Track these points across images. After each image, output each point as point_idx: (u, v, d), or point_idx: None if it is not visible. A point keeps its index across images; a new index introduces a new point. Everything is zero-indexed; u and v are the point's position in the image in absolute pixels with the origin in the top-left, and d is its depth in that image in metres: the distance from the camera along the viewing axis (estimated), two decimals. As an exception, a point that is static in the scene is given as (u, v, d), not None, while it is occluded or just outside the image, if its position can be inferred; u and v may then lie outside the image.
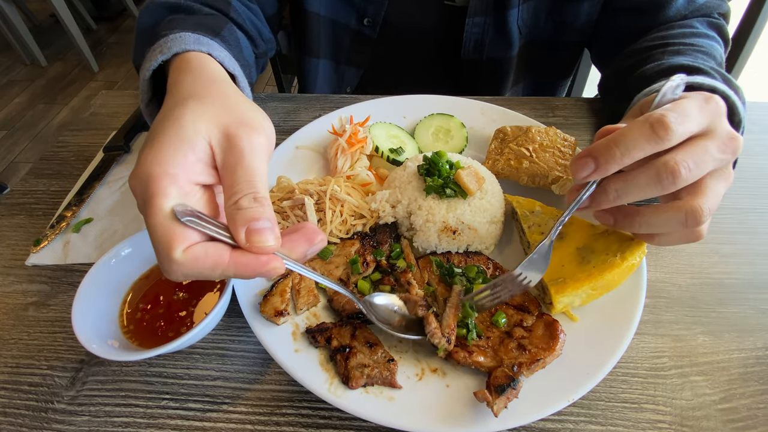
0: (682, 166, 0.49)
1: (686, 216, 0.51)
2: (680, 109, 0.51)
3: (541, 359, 0.58)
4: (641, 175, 0.51)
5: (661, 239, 0.57)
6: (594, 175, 0.52)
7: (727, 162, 0.53)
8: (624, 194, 0.53)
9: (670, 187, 0.50)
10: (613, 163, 0.50)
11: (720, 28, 0.93)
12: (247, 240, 0.43)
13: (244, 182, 0.44)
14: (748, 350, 0.69)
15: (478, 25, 1.07)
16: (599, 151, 0.51)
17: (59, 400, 0.66)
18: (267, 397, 0.65)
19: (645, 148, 0.50)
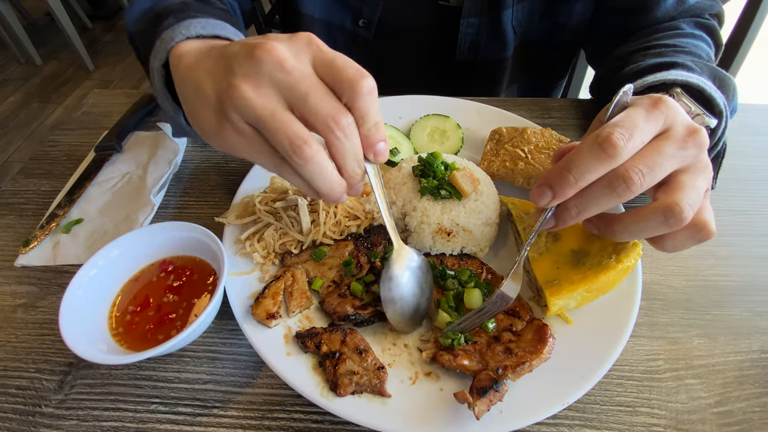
0: (632, 172, 0.50)
1: (664, 215, 0.51)
2: (627, 122, 0.51)
3: (527, 362, 0.58)
4: (596, 188, 0.52)
5: (665, 243, 0.56)
6: (553, 202, 0.54)
7: (694, 156, 0.53)
8: (584, 209, 0.54)
9: (626, 195, 0.51)
10: (568, 188, 0.52)
11: (710, 28, 0.93)
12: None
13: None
14: (743, 353, 0.69)
15: (473, 26, 1.07)
16: (554, 179, 0.52)
17: (47, 404, 0.64)
18: (258, 401, 0.64)
19: (597, 169, 0.51)
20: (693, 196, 0.51)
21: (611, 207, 0.53)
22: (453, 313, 0.65)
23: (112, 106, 1.15)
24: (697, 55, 0.82)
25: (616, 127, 0.50)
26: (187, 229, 0.71)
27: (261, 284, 0.71)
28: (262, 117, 0.46)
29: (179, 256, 0.72)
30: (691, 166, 0.53)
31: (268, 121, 0.46)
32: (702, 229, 0.53)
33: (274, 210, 0.77)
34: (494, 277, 0.71)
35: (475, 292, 0.66)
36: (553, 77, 1.31)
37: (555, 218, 0.57)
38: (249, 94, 0.46)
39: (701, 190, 0.53)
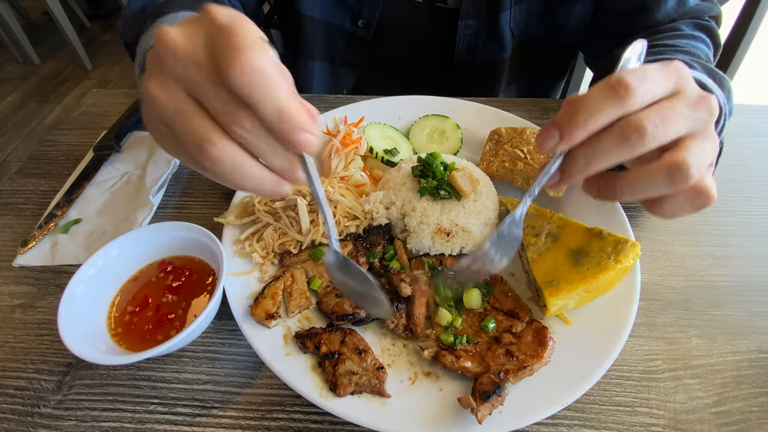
0: (647, 121, 0.46)
1: (669, 170, 0.47)
2: (641, 71, 0.48)
3: (528, 366, 0.58)
4: (607, 136, 0.48)
5: (663, 206, 0.51)
6: (561, 145, 0.49)
7: (705, 122, 0.50)
8: (593, 160, 0.49)
9: (639, 146, 0.47)
10: (576, 129, 0.47)
11: (709, 30, 0.94)
12: None
13: None
14: (741, 353, 0.69)
15: (471, 27, 1.07)
16: (562, 119, 0.48)
17: (45, 405, 0.64)
18: (257, 401, 0.64)
19: (607, 111, 0.47)
20: (700, 157, 0.48)
21: (621, 160, 0.49)
22: (453, 311, 0.65)
23: (110, 105, 1.14)
24: (696, 56, 0.83)
25: (629, 72, 0.47)
26: (186, 229, 0.70)
27: (260, 284, 0.71)
28: (167, 115, 0.41)
29: (178, 256, 0.72)
30: (700, 132, 0.50)
31: (172, 119, 0.41)
32: (702, 193, 0.49)
33: (273, 210, 0.77)
34: (493, 278, 0.71)
35: (474, 292, 0.66)
36: (552, 79, 1.31)
37: (560, 172, 0.52)
38: (155, 93, 0.41)
39: (707, 156, 0.50)
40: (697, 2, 0.95)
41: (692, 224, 0.87)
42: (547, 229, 0.71)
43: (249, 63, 0.37)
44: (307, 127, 0.40)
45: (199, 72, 0.40)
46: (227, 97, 0.39)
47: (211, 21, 0.40)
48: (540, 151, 0.52)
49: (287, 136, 0.40)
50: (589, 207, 0.80)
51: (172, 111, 0.41)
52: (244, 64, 0.37)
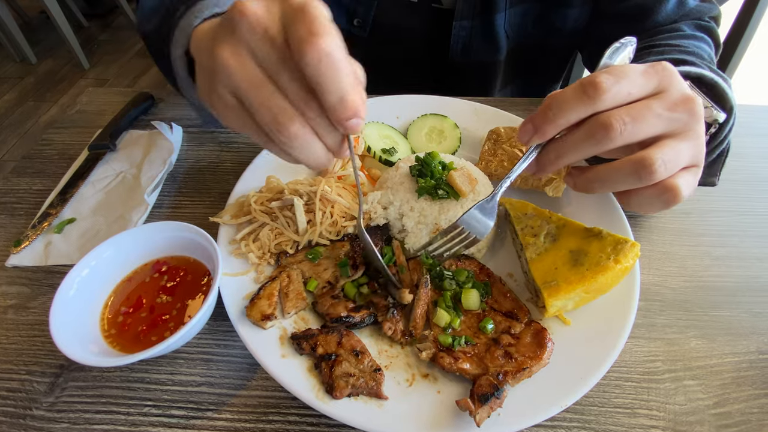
0: (614, 119, 0.48)
1: (635, 166, 0.49)
2: (617, 70, 0.50)
3: (527, 368, 0.57)
4: (576, 133, 0.51)
5: (630, 200, 0.55)
6: (534, 138, 0.53)
7: (684, 123, 0.51)
8: (563, 153, 0.53)
9: (605, 142, 0.49)
10: (547, 124, 0.51)
11: (710, 30, 0.93)
12: None
13: None
14: (741, 354, 0.69)
15: (465, 29, 1.07)
16: (537, 115, 0.52)
17: (37, 407, 0.63)
18: (253, 403, 0.63)
19: (576, 108, 0.49)
20: (670, 156, 0.50)
21: (588, 155, 0.52)
22: (451, 311, 0.65)
23: (106, 104, 1.13)
24: (700, 56, 0.82)
25: (604, 72, 0.50)
26: (181, 229, 0.70)
27: (256, 285, 0.70)
28: (244, 90, 0.43)
29: (173, 256, 0.71)
30: (680, 132, 0.51)
31: (251, 94, 0.43)
32: (669, 191, 0.51)
33: (269, 210, 0.76)
34: (492, 278, 0.70)
35: (473, 292, 0.66)
36: (548, 81, 1.31)
37: (536, 163, 0.57)
38: (229, 62, 0.43)
39: (682, 156, 0.51)
40: (696, 3, 0.94)
41: (691, 224, 0.87)
42: (546, 229, 0.71)
43: (324, 49, 0.40)
44: (360, 114, 0.44)
45: (274, 50, 0.42)
46: (300, 82, 0.43)
47: None
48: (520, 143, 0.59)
49: (344, 121, 0.44)
50: (588, 207, 0.79)
51: (249, 84, 0.43)
52: (320, 50, 0.40)
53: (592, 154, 0.52)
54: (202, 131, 1.05)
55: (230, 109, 0.46)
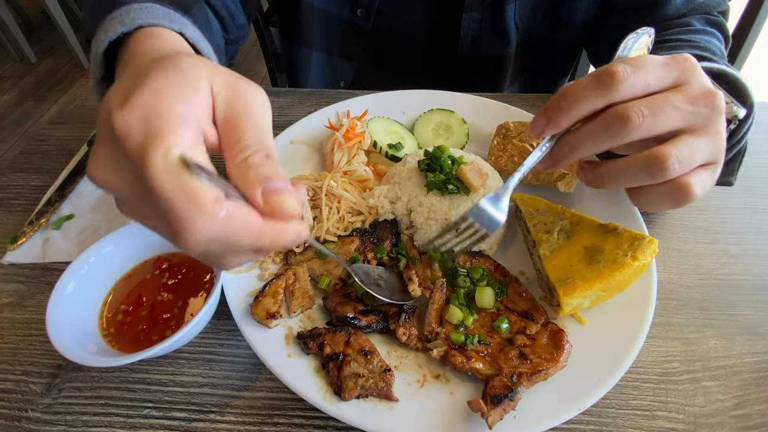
0: (632, 111, 0.46)
1: (647, 162, 0.47)
2: (636, 60, 0.48)
3: (543, 370, 0.55)
4: (592, 124, 0.49)
5: (641, 197, 0.52)
6: (548, 129, 0.51)
7: (704, 118, 0.49)
8: (577, 146, 0.51)
9: (622, 134, 0.47)
10: (560, 114, 0.49)
11: (719, 25, 0.92)
12: (267, 203, 0.36)
13: (253, 136, 0.37)
14: (760, 354, 0.67)
15: (475, 21, 1.05)
16: (550, 105, 0.50)
17: (34, 408, 0.61)
18: (257, 405, 0.61)
19: (591, 98, 0.47)
20: (685, 153, 0.47)
21: (604, 148, 0.49)
22: (464, 309, 0.62)
23: (106, 99, 1.11)
24: (712, 52, 0.80)
25: (621, 62, 0.48)
26: (183, 224, 0.67)
27: (260, 282, 0.68)
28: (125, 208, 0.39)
29: (174, 252, 0.69)
30: (699, 128, 0.49)
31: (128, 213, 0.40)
32: (680, 189, 0.49)
33: (274, 205, 0.74)
34: (507, 277, 0.68)
35: (487, 290, 0.63)
36: (556, 75, 1.29)
37: (550, 156, 0.54)
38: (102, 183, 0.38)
39: (699, 153, 0.49)
40: None
41: (706, 222, 0.85)
42: (560, 226, 0.69)
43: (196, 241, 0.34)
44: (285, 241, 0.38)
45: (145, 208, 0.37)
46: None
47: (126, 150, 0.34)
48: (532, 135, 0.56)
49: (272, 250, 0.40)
50: (602, 203, 0.77)
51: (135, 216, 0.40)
52: (193, 243, 0.34)
53: (608, 147, 0.49)
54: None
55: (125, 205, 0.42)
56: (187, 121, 0.35)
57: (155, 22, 0.53)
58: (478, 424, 0.54)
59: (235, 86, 0.39)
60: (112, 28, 0.53)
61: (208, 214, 0.33)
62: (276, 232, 0.36)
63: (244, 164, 0.36)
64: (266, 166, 0.36)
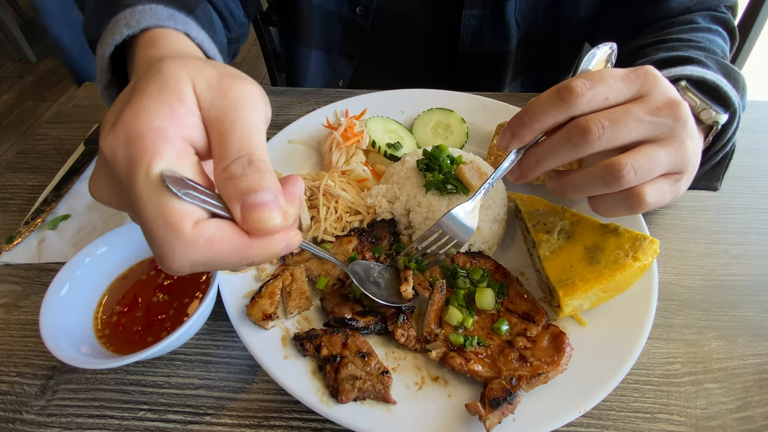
0: (592, 123, 0.48)
1: (603, 171, 0.49)
2: (595, 74, 0.50)
3: (543, 373, 0.54)
4: (555, 137, 0.51)
5: (597, 204, 0.55)
6: (512, 143, 0.53)
7: (668, 129, 0.50)
8: (542, 158, 0.53)
9: (583, 146, 0.49)
10: (523, 128, 0.51)
11: (725, 22, 0.90)
12: (245, 220, 0.34)
13: (235, 141, 0.35)
14: (762, 355, 0.66)
15: (475, 17, 1.04)
16: (513, 121, 0.53)
17: (28, 410, 0.61)
18: (254, 407, 0.60)
19: (551, 113, 0.49)
20: (642, 162, 0.49)
21: (567, 160, 0.51)
22: (464, 310, 0.62)
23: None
24: (712, 51, 0.79)
25: (580, 77, 0.49)
26: (179, 224, 0.67)
27: (257, 283, 0.67)
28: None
29: (171, 253, 0.68)
30: (662, 138, 0.50)
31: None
32: (633, 198, 0.50)
33: (271, 205, 0.73)
34: (508, 278, 0.67)
35: (487, 291, 0.63)
36: (558, 72, 1.28)
37: (518, 168, 0.56)
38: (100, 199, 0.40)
39: (658, 163, 0.50)
40: None
41: (708, 222, 0.84)
42: (560, 226, 0.68)
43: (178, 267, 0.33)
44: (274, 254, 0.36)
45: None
46: None
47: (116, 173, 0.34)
48: (500, 149, 0.58)
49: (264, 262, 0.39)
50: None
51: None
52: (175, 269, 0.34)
53: (571, 158, 0.51)
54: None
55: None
56: (167, 135, 0.34)
57: (160, 23, 0.53)
58: (476, 427, 0.53)
59: (219, 85, 0.37)
60: (118, 30, 0.53)
61: (186, 240, 0.32)
62: (262, 248, 0.35)
63: (225, 174, 0.34)
64: (246, 177, 0.34)
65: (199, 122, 0.37)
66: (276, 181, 0.35)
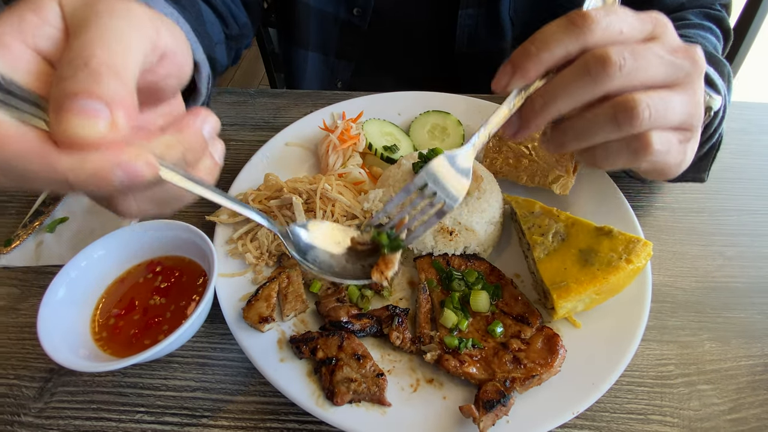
0: (613, 52, 0.40)
1: (615, 108, 0.42)
2: (607, 7, 0.44)
3: (536, 375, 0.55)
4: (568, 69, 0.43)
5: (598, 153, 0.46)
6: (514, 80, 0.44)
7: (687, 73, 0.44)
8: (551, 98, 0.43)
9: (602, 80, 0.41)
10: (528, 60, 0.43)
11: (719, 20, 0.90)
12: (52, 123, 0.29)
13: (80, 44, 0.30)
14: (756, 357, 0.67)
15: (471, 17, 1.05)
16: (517, 53, 0.44)
17: (26, 413, 0.61)
18: (250, 409, 0.61)
19: (563, 40, 0.42)
20: (659, 103, 0.42)
21: (583, 99, 0.43)
22: (459, 312, 0.62)
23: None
24: (703, 46, 0.80)
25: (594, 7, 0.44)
26: (176, 228, 0.67)
27: (254, 286, 0.67)
28: None
29: (168, 256, 0.69)
30: (678, 83, 0.44)
31: None
32: (639, 140, 0.43)
33: (268, 208, 0.74)
34: (503, 280, 0.67)
35: (482, 294, 0.63)
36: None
37: (518, 116, 0.46)
38: None
39: (674, 110, 0.43)
40: None
41: (702, 224, 0.84)
42: (554, 228, 0.68)
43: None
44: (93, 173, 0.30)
45: None
46: None
47: None
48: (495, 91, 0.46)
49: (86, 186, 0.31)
50: (597, 205, 0.77)
51: None
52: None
53: (586, 97, 0.43)
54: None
55: None
56: (3, 38, 0.31)
57: None
58: (471, 430, 0.53)
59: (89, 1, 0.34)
60: None
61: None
62: (75, 162, 0.29)
63: (54, 78, 0.30)
64: (72, 79, 0.29)
65: (56, 32, 0.33)
66: (126, 94, 0.30)
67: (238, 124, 1.04)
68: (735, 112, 1.07)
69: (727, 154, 0.97)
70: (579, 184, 0.80)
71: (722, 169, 0.94)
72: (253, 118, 1.05)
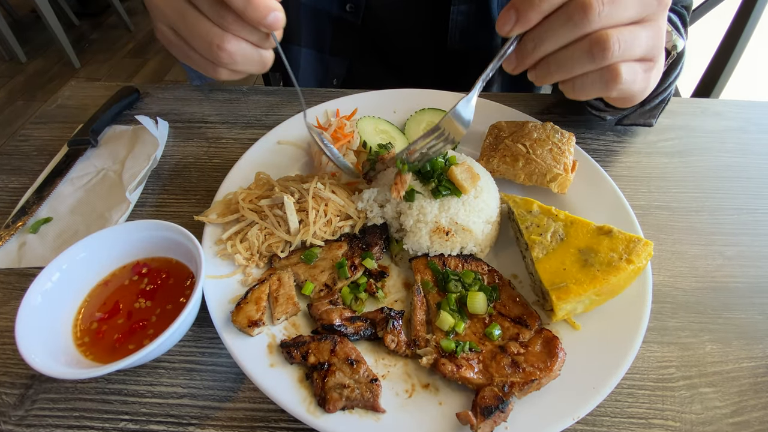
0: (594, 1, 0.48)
1: (590, 43, 0.50)
2: None
3: (536, 380, 0.53)
4: (554, 16, 0.51)
5: (576, 84, 0.55)
6: (517, 26, 0.52)
7: (653, 10, 0.52)
8: (540, 41, 0.53)
9: (583, 24, 0.50)
10: (531, 9, 0.51)
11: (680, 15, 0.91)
12: None
13: None
14: (757, 358, 0.65)
15: (463, 13, 1.05)
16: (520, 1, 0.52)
17: (6, 421, 0.59)
18: (239, 416, 0.59)
19: None
20: (627, 37, 0.51)
21: (568, 39, 0.52)
22: (456, 315, 0.60)
23: (88, 98, 1.08)
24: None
25: None
26: (162, 228, 0.65)
27: (243, 288, 0.65)
28: (173, 21, 0.51)
29: (154, 257, 0.67)
30: (645, 19, 0.53)
31: (179, 24, 0.51)
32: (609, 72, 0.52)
33: (258, 208, 0.72)
34: (501, 281, 0.66)
35: (479, 296, 0.61)
36: None
37: (516, 55, 0.56)
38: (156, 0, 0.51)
39: (639, 42, 0.52)
40: None
41: (701, 223, 0.83)
42: (553, 228, 0.67)
43: None
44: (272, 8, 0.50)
45: None
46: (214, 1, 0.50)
47: None
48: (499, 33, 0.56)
49: (261, 21, 0.51)
50: (595, 204, 0.76)
51: (175, 15, 0.51)
52: None
53: (570, 37, 0.51)
54: (189, 126, 1.01)
55: (172, 43, 0.54)
56: None
57: None
58: (468, 436, 0.52)
59: None
60: None
61: None
62: None
63: None
64: None
65: None
66: None
67: (230, 122, 1.01)
68: (734, 110, 1.06)
69: (726, 153, 0.96)
70: (577, 183, 0.79)
71: (721, 168, 0.93)
72: (245, 116, 1.03)
